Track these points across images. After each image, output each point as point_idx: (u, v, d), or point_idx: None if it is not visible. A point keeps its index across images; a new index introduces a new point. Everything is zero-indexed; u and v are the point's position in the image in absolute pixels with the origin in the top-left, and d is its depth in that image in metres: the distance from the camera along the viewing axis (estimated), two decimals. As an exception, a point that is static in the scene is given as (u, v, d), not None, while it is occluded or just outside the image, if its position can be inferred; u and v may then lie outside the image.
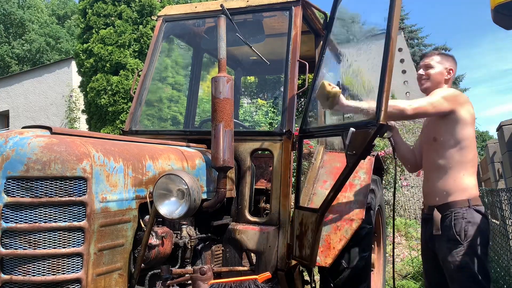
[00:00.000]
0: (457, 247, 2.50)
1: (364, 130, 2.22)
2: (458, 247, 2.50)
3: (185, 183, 1.95)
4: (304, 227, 2.65)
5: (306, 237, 2.62)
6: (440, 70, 2.76)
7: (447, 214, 2.57)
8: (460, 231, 2.51)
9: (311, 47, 3.72)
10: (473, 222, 2.52)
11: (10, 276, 1.66)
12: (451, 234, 2.53)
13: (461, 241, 2.50)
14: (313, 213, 2.60)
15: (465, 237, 2.50)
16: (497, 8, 3.03)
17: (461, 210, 2.54)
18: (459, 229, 2.51)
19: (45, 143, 1.72)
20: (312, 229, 2.57)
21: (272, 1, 3.08)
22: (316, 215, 2.56)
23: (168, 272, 2.14)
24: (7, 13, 27.59)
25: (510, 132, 4.92)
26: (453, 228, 2.52)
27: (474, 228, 2.51)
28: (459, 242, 2.50)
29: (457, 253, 2.49)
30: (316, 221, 2.55)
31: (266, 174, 3.36)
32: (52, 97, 16.08)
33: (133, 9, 9.76)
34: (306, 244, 2.61)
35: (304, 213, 2.70)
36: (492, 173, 6.93)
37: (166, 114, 9.38)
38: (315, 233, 2.54)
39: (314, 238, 2.55)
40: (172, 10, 3.43)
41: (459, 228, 2.51)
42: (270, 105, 9.09)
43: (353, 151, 2.28)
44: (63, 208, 1.71)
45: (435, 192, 2.65)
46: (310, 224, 2.59)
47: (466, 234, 2.50)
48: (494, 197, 4.84)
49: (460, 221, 2.52)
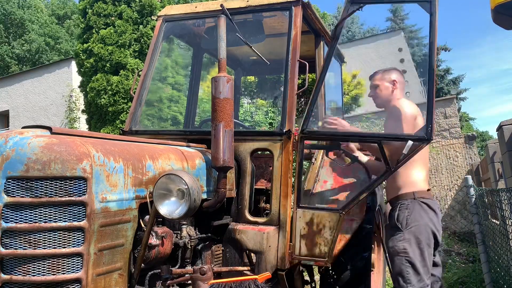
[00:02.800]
0: (397, 234, 2.80)
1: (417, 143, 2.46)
2: (398, 233, 2.80)
3: (185, 183, 1.95)
4: (317, 226, 2.73)
5: (321, 235, 2.72)
6: (383, 86, 3.09)
7: (395, 206, 2.89)
8: (403, 220, 2.79)
9: (311, 47, 3.72)
10: (415, 213, 2.80)
11: (10, 276, 1.66)
12: (394, 222, 2.83)
13: (401, 228, 2.78)
14: (331, 213, 2.73)
15: (406, 225, 2.78)
16: (497, 8, 3.04)
17: (406, 201, 2.84)
18: (402, 218, 2.80)
19: (45, 143, 1.72)
20: (331, 227, 2.70)
21: (272, 1, 3.08)
22: (337, 214, 2.69)
23: (168, 272, 2.14)
24: (7, 13, 27.58)
25: (510, 132, 4.91)
26: (396, 217, 2.83)
27: (416, 218, 2.78)
28: (399, 229, 2.79)
29: (397, 239, 2.78)
30: (338, 220, 2.68)
31: (266, 174, 3.35)
32: (52, 97, 16.07)
33: (133, 9, 9.76)
34: (322, 242, 2.71)
35: (316, 212, 2.75)
36: (492, 173, 6.93)
37: (166, 114, 9.38)
38: (335, 231, 2.68)
39: (333, 236, 2.69)
40: (172, 10, 3.43)
41: (402, 217, 2.81)
42: (270, 105, 9.09)
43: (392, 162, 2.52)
44: (63, 208, 1.71)
45: (390, 188, 2.97)
46: (328, 223, 2.71)
47: (407, 223, 2.78)
48: (494, 197, 4.84)
49: (403, 211, 2.82)
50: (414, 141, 2.44)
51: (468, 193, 5.09)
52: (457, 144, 10.55)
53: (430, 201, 2.89)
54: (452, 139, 10.60)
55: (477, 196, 5.11)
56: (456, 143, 10.56)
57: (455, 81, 29.88)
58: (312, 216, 2.75)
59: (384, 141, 2.55)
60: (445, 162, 10.56)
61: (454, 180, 10.66)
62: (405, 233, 2.77)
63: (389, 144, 2.57)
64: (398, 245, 2.78)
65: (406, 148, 2.43)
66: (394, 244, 2.80)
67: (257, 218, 2.81)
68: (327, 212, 2.75)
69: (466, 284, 5.58)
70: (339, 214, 2.68)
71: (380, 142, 2.54)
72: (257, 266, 2.62)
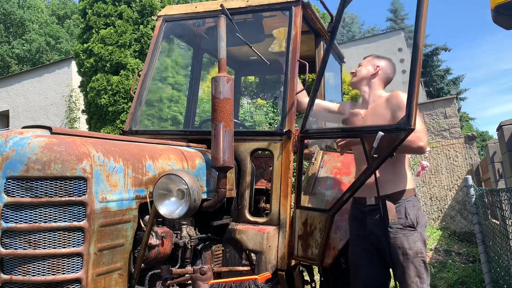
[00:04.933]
0: (411, 233, 2.63)
1: (394, 134, 2.28)
2: (412, 233, 2.63)
3: (185, 183, 1.95)
4: (310, 227, 2.69)
5: (312, 237, 2.66)
6: (366, 67, 2.94)
7: (400, 203, 2.66)
8: (414, 218, 2.65)
9: (311, 47, 3.72)
10: (420, 210, 2.73)
11: (10, 276, 1.66)
12: (406, 221, 2.64)
13: (415, 226, 2.64)
14: (321, 214, 2.66)
15: (417, 224, 2.65)
16: (497, 8, 3.04)
17: (411, 198, 2.70)
18: (413, 216, 2.65)
19: (45, 143, 1.72)
20: (320, 229, 2.63)
21: (272, 1, 3.08)
22: (326, 215, 2.62)
23: (168, 272, 2.14)
24: (7, 13, 27.58)
25: (510, 132, 4.91)
26: (408, 215, 2.65)
27: (420, 215, 2.70)
28: (412, 228, 2.64)
29: (413, 239, 2.62)
30: (326, 222, 2.61)
31: (266, 174, 3.35)
32: (52, 97, 16.07)
33: (133, 9, 9.76)
34: (313, 244, 2.66)
35: (310, 213, 2.73)
36: (492, 173, 6.93)
37: (166, 114, 9.38)
38: (324, 233, 2.62)
39: (323, 238, 2.62)
40: (172, 10, 3.43)
41: (413, 215, 2.65)
42: (270, 105, 9.08)
43: (376, 154, 2.35)
44: (63, 208, 1.71)
45: (383, 183, 2.66)
46: (318, 224, 2.65)
47: (418, 221, 2.66)
48: (494, 197, 4.84)
49: (411, 208, 2.67)
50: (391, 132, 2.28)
51: (468, 193, 5.08)
52: (457, 144, 10.55)
53: None
54: (452, 139, 10.60)
55: (477, 196, 5.10)
56: (456, 143, 10.56)
57: (455, 81, 29.87)
58: (306, 216, 2.73)
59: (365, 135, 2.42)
60: (445, 162, 10.57)
61: (454, 180, 10.66)
62: (418, 232, 2.64)
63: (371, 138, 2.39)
64: (416, 246, 2.61)
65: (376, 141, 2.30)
66: (411, 246, 2.61)
67: (257, 218, 2.81)
68: (318, 213, 2.71)
69: (466, 284, 5.58)
70: (326, 215, 2.64)
71: (362, 137, 2.43)
72: (257, 266, 2.62)
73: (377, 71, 2.91)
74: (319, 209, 2.75)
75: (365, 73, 2.93)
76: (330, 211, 2.62)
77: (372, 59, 2.99)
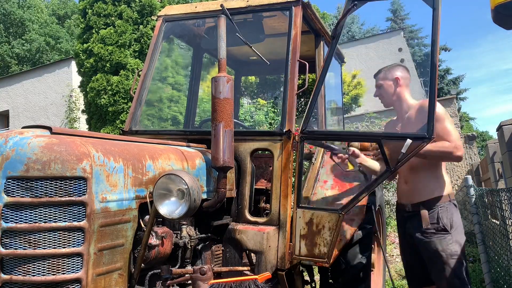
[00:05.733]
0: (445, 237, 2.81)
1: (417, 142, 2.43)
2: (446, 236, 2.80)
3: (185, 183, 1.95)
4: (317, 226, 2.72)
5: (320, 235, 2.71)
6: (386, 85, 3.06)
7: (434, 209, 2.85)
8: (447, 223, 2.82)
9: (311, 47, 3.72)
10: (455, 215, 2.87)
11: (10, 276, 1.66)
12: (439, 226, 2.83)
13: (449, 230, 2.81)
14: (331, 213, 2.71)
15: (451, 227, 2.81)
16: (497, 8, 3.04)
17: (445, 204, 2.86)
18: (446, 220, 2.82)
19: (45, 143, 1.72)
20: (330, 228, 2.69)
21: (272, 1, 3.08)
22: (337, 214, 2.68)
23: (168, 272, 2.14)
24: (7, 13, 27.58)
25: (510, 132, 4.91)
26: (441, 220, 2.83)
27: (456, 220, 2.85)
28: (446, 232, 2.81)
29: (446, 242, 2.79)
30: (337, 221, 2.67)
31: (266, 174, 3.35)
32: (52, 97, 16.08)
33: (133, 9, 9.76)
34: (321, 242, 2.71)
35: (315, 212, 2.75)
36: (492, 173, 6.93)
37: (166, 114, 9.38)
38: (335, 231, 2.68)
39: (333, 236, 2.68)
40: (172, 10, 3.43)
41: (446, 220, 2.82)
42: (270, 105, 9.08)
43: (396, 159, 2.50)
44: (63, 208, 1.71)
45: (419, 190, 2.92)
46: (327, 223, 2.70)
47: (452, 225, 2.82)
48: (494, 197, 4.83)
49: (445, 213, 2.84)
50: (414, 140, 2.42)
51: (468, 193, 5.09)
52: (457, 144, 10.53)
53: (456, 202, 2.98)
54: (452, 139, 10.59)
55: (477, 196, 5.10)
56: (456, 143, 10.54)
57: (455, 81, 29.91)
58: (311, 216, 2.74)
59: (385, 140, 2.54)
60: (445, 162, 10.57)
61: (454, 180, 10.66)
62: (453, 235, 2.80)
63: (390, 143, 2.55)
64: (450, 248, 2.78)
65: (405, 147, 2.42)
66: (445, 247, 2.78)
67: (257, 218, 2.81)
68: (327, 212, 2.74)
69: (466, 284, 5.57)
70: (338, 214, 2.68)
71: (380, 141, 2.53)
72: (257, 266, 2.62)
73: (399, 82, 3.03)
74: (327, 209, 2.81)
75: (390, 91, 3.05)
76: (342, 211, 2.68)
77: (385, 74, 3.07)
